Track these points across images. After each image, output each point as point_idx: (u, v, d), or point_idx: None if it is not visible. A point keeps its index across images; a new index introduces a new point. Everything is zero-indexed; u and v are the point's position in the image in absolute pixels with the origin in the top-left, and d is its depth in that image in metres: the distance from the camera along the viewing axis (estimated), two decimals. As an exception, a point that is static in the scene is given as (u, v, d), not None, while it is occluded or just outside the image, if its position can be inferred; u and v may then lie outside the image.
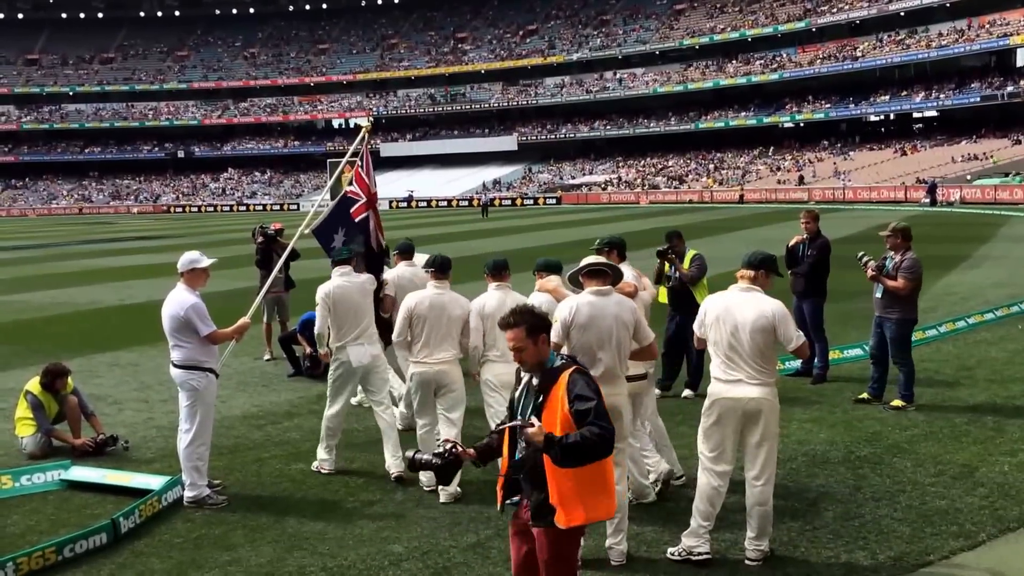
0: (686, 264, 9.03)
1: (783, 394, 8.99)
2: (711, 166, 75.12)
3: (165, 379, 9.94)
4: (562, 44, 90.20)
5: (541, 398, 3.82)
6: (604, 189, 74.72)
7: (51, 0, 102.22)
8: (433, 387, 6.64)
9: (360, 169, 7.70)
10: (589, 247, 6.53)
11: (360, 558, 5.42)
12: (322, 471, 7.04)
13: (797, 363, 9.96)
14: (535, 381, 3.90)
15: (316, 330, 7.15)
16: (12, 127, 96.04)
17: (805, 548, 5.42)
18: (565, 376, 3.79)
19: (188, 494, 6.43)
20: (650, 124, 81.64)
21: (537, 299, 6.19)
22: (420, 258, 8.25)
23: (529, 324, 3.85)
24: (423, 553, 5.46)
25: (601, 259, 5.54)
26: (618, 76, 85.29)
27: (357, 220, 7.57)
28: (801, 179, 63.77)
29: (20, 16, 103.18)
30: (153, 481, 6.63)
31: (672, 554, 5.34)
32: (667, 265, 9.10)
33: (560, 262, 6.79)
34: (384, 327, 7.29)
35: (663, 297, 9.35)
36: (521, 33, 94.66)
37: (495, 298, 6.55)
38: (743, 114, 77.28)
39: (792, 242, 9.76)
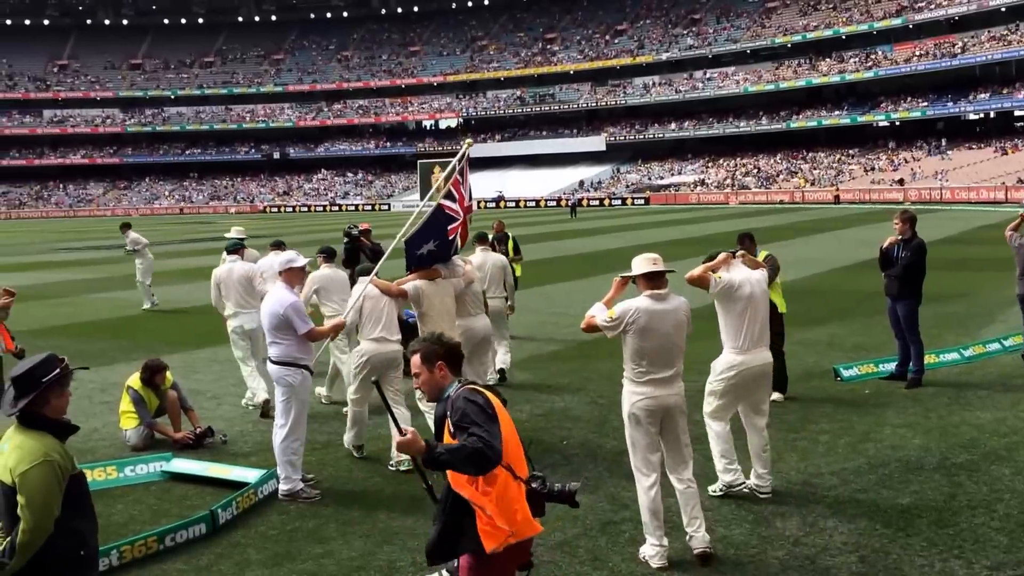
0: None
1: (877, 398, 8.85)
2: (803, 166, 73.47)
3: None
4: (651, 44, 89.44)
5: (437, 429, 3.75)
6: (693, 189, 73.84)
7: (154, 6, 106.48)
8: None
9: (460, 184, 7.63)
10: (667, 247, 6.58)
11: (447, 553, 5.50)
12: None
13: (891, 366, 9.72)
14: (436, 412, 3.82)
15: (212, 302, 9.58)
16: (117, 130, 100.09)
17: (898, 556, 5.30)
18: (453, 397, 3.67)
19: (283, 487, 6.61)
20: (740, 124, 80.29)
21: (357, 289, 7.48)
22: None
23: (424, 351, 3.75)
24: (509, 550, 5.50)
25: (659, 261, 5.43)
26: (708, 75, 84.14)
27: (451, 238, 7.58)
28: (902, 180, 61.73)
29: (125, 22, 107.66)
30: (249, 474, 6.82)
31: (712, 491, 6.27)
32: None
33: (371, 267, 7.99)
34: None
35: None
36: (610, 33, 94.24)
37: (479, 257, 10.05)
38: (836, 113, 75.32)
39: (886, 243, 9.53)
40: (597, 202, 74.16)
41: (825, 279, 18.98)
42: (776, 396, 8.94)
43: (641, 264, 5.41)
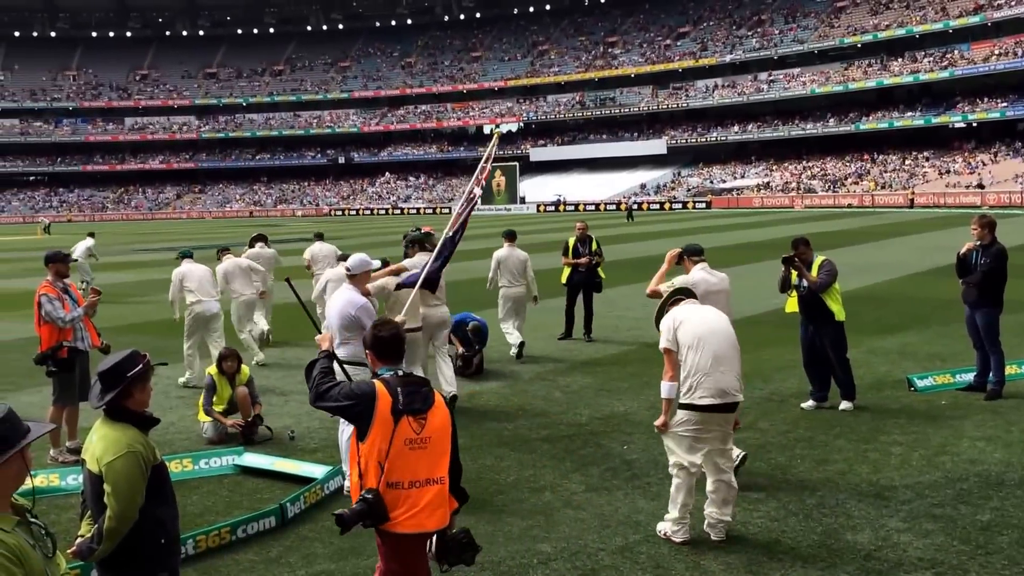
0: (814, 272, 8.72)
1: (954, 410, 8.58)
2: (873, 169, 71.90)
3: (327, 375, 10.40)
4: (715, 46, 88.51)
5: None
6: (756, 193, 72.81)
7: (228, 17, 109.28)
8: None
9: (488, 170, 7.94)
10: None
11: (509, 555, 5.50)
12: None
13: (969, 376, 9.42)
14: None
15: (170, 296, 11.14)
16: (192, 136, 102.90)
17: (976, 574, 5.12)
18: None
19: (348, 484, 6.70)
20: (807, 126, 78.91)
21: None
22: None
23: (364, 339, 4.28)
24: (571, 554, 5.48)
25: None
26: (772, 77, 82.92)
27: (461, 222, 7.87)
28: (981, 184, 59.94)
29: (201, 33, 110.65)
30: (316, 470, 6.96)
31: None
32: (794, 273, 8.82)
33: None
34: None
35: (793, 306, 9.05)
36: (672, 36, 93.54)
37: (504, 251, 12.07)
38: (909, 114, 73.50)
39: (963, 250, 9.22)
40: (657, 206, 73.60)
41: (898, 285, 18.52)
42: (845, 405, 8.75)
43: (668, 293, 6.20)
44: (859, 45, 77.64)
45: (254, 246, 14.06)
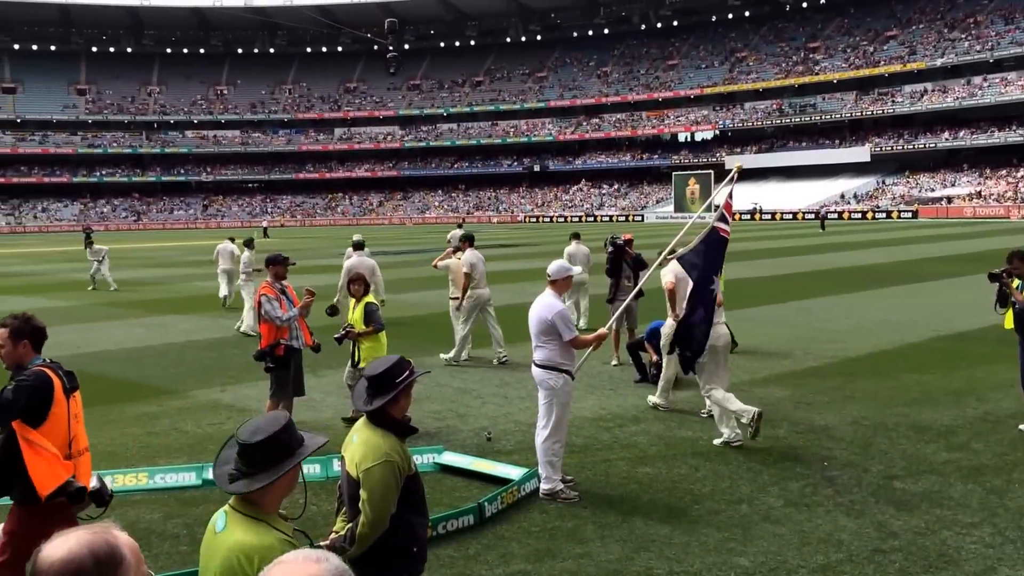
0: None
1: None
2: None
3: (523, 377, 10.70)
4: (924, 49, 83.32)
5: None
6: (968, 202, 67.95)
7: (432, 31, 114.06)
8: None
9: (731, 205, 7.92)
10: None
11: (706, 567, 5.46)
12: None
13: None
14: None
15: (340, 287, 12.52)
16: (396, 145, 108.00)
17: None
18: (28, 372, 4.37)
19: (544, 487, 6.84)
20: (1024, 132, 72.89)
21: None
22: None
23: (13, 328, 4.44)
24: (770, 570, 5.39)
25: None
26: (988, 81, 77.09)
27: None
28: None
29: (407, 47, 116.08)
30: (512, 472, 7.12)
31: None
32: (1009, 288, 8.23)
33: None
34: None
35: (1009, 323, 8.44)
36: (878, 40, 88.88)
37: (572, 247, 15.35)
38: None
39: None
40: (859, 215, 70.14)
41: None
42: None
43: None
44: (1087, 46, 71.00)
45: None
